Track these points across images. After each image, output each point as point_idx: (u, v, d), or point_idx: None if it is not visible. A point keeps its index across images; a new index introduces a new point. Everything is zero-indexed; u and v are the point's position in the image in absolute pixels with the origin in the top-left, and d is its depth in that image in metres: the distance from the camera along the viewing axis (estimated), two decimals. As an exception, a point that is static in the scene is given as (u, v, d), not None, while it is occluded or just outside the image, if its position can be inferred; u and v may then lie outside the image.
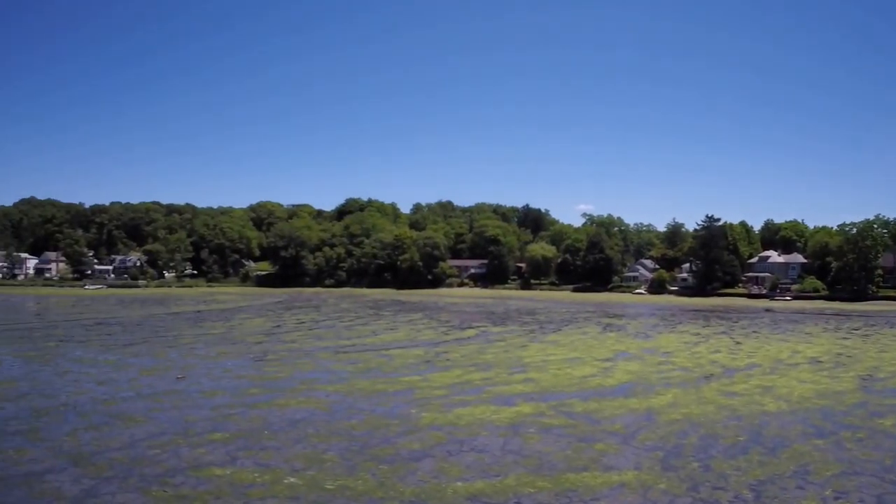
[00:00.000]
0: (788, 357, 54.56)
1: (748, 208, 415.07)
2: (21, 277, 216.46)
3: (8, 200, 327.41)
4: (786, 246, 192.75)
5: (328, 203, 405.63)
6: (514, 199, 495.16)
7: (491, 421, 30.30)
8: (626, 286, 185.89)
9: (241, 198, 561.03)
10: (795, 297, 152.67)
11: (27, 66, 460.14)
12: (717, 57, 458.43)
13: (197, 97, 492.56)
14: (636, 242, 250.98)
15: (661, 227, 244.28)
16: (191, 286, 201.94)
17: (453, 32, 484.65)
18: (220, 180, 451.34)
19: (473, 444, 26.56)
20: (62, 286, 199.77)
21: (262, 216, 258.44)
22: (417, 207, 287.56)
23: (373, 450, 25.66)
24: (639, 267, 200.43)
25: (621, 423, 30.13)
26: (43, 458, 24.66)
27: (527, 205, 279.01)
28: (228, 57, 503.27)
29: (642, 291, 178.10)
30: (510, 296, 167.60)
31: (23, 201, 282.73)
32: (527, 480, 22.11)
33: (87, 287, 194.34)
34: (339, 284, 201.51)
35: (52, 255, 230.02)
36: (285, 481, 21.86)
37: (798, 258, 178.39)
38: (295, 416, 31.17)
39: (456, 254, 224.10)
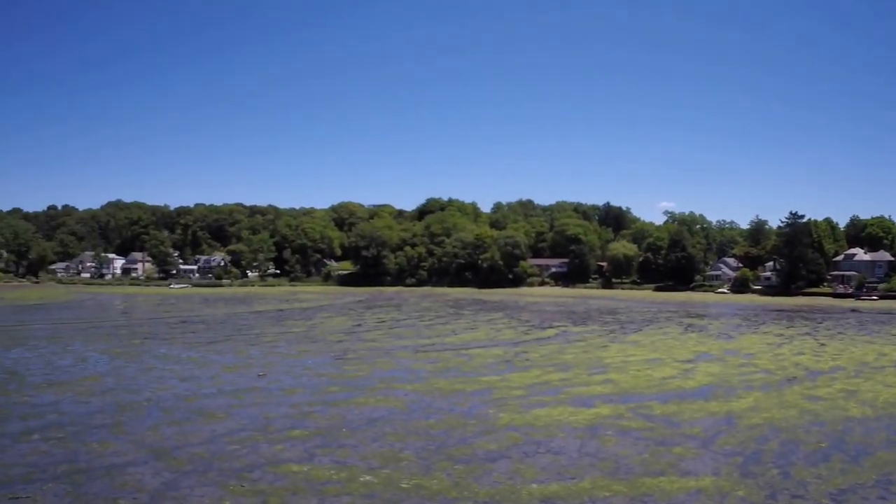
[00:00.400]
0: (874, 360, 52.01)
1: (833, 204, 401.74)
2: (108, 277, 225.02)
3: (96, 203, 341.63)
4: (872, 243, 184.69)
5: (409, 203, 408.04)
6: (594, 196, 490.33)
7: (568, 422, 29.74)
8: (709, 285, 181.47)
9: (322, 199, 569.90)
10: (882, 297, 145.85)
11: (119, 74, 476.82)
12: (808, 50, 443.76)
13: (279, 100, 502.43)
14: (719, 240, 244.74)
15: (744, 225, 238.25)
16: (273, 285, 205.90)
17: (527, 24, 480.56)
18: (303, 182, 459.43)
19: (550, 446, 26.09)
20: (148, 285, 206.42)
21: (343, 216, 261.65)
22: (498, 206, 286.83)
23: (449, 449, 25.41)
24: (721, 265, 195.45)
25: (700, 427, 29.14)
26: (125, 451, 25.22)
27: (608, 203, 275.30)
28: (310, 59, 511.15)
29: (725, 290, 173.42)
30: (591, 295, 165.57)
31: (110, 204, 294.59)
32: (602, 484, 21.55)
33: (172, 286, 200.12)
34: (419, 283, 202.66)
35: (138, 255, 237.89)
36: (361, 479, 21.78)
37: (885, 256, 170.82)
38: (373, 415, 31.16)
39: (536, 253, 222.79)
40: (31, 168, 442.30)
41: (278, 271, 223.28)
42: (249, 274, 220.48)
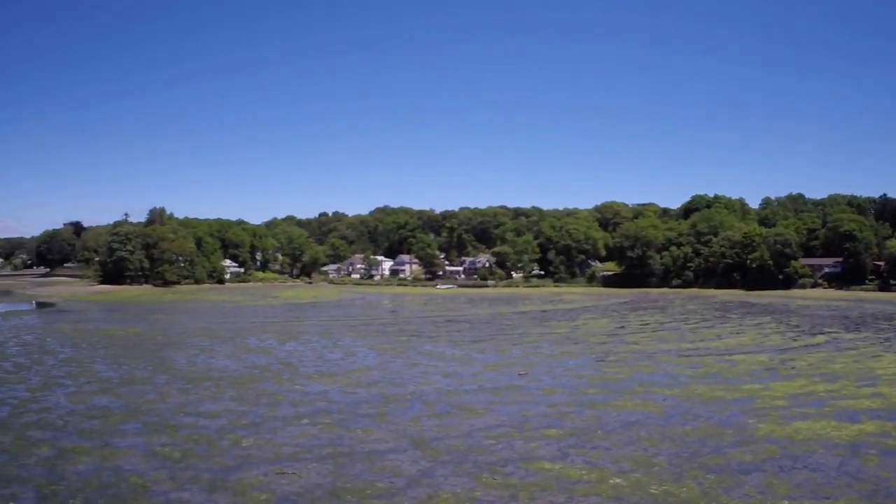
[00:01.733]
0: None
1: None
2: (377, 278, 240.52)
3: (364, 209, 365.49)
4: None
5: (674, 201, 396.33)
6: (868, 188, 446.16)
7: (830, 437, 27.65)
8: None
9: (586, 199, 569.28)
10: None
11: (380, 89, 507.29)
12: None
13: (542, 103, 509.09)
14: None
15: None
16: (537, 286, 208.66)
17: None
18: (566, 182, 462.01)
19: (808, 462, 24.52)
20: (415, 286, 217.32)
21: (607, 216, 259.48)
22: (766, 202, 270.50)
23: (702, 458, 24.64)
24: None
25: None
26: (387, 438, 27.10)
27: (884, 195, 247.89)
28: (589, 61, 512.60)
29: None
30: (866, 298, 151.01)
31: (378, 209, 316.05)
32: (857, 508, 19.94)
33: (438, 286, 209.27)
34: (685, 285, 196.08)
35: (405, 257, 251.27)
36: (611, 481, 21.78)
37: None
38: (629, 418, 30.89)
39: (808, 252, 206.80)
40: (303, 178, 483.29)
41: (542, 272, 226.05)
42: (514, 275, 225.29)
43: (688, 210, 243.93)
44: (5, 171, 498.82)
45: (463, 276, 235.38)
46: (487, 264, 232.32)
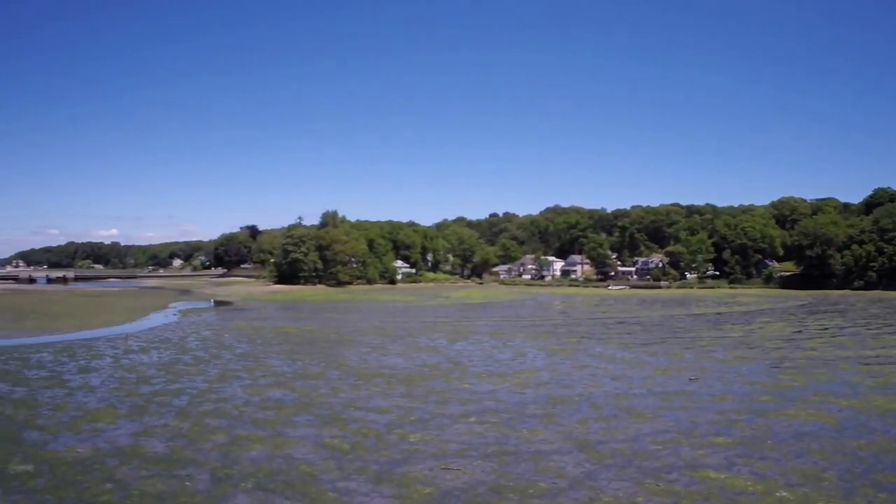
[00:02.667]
0: None
1: None
2: (548, 278, 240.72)
3: (535, 209, 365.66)
4: None
5: (854, 195, 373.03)
6: None
7: None
8: None
9: (761, 194, 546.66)
10: None
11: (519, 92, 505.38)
12: None
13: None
14: None
15: None
16: (712, 287, 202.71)
17: None
18: (740, 178, 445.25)
19: None
20: (586, 286, 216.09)
21: (784, 213, 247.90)
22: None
23: (876, 475, 23.12)
24: None
25: None
26: (552, 440, 27.19)
27: None
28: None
29: None
30: None
31: (548, 209, 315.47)
32: None
33: (610, 287, 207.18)
34: (868, 287, 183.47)
35: (576, 258, 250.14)
36: (777, 494, 20.89)
37: None
38: (801, 429, 29.49)
39: None
40: (473, 180, 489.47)
41: (717, 272, 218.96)
42: (688, 275, 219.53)
43: (870, 205, 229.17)
44: (186, 179, 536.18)
45: (635, 276, 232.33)
46: (660, 264, 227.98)
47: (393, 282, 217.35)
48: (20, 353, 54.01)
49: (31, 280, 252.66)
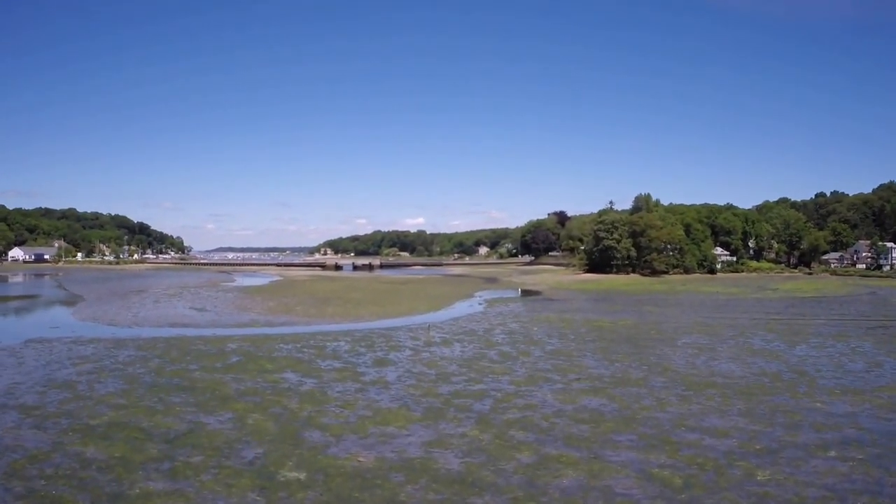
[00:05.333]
0: None
1: None
2: (886, 268, 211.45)
3: (867, 187, 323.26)
4: None
5: None
6: None
7: None
8: None
9: None
10: None
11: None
12: None
13: None
14: None
15: None
16: None
17: None
18: None
19: None
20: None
21: None
22: None
23: None
24: None
25: None
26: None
27: None
28: None
29: None
30: None
31: (883, 187, 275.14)
32: None
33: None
34: None
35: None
36: None
37: None
38: None
39: None
40: (796, 157, 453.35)
41: None
42: None
43: None
44: (493, 168, 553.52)
45: None
46: None
47: (713, 271, 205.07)
48: (317, 340, 55.48)
49: (338, 267, 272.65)
